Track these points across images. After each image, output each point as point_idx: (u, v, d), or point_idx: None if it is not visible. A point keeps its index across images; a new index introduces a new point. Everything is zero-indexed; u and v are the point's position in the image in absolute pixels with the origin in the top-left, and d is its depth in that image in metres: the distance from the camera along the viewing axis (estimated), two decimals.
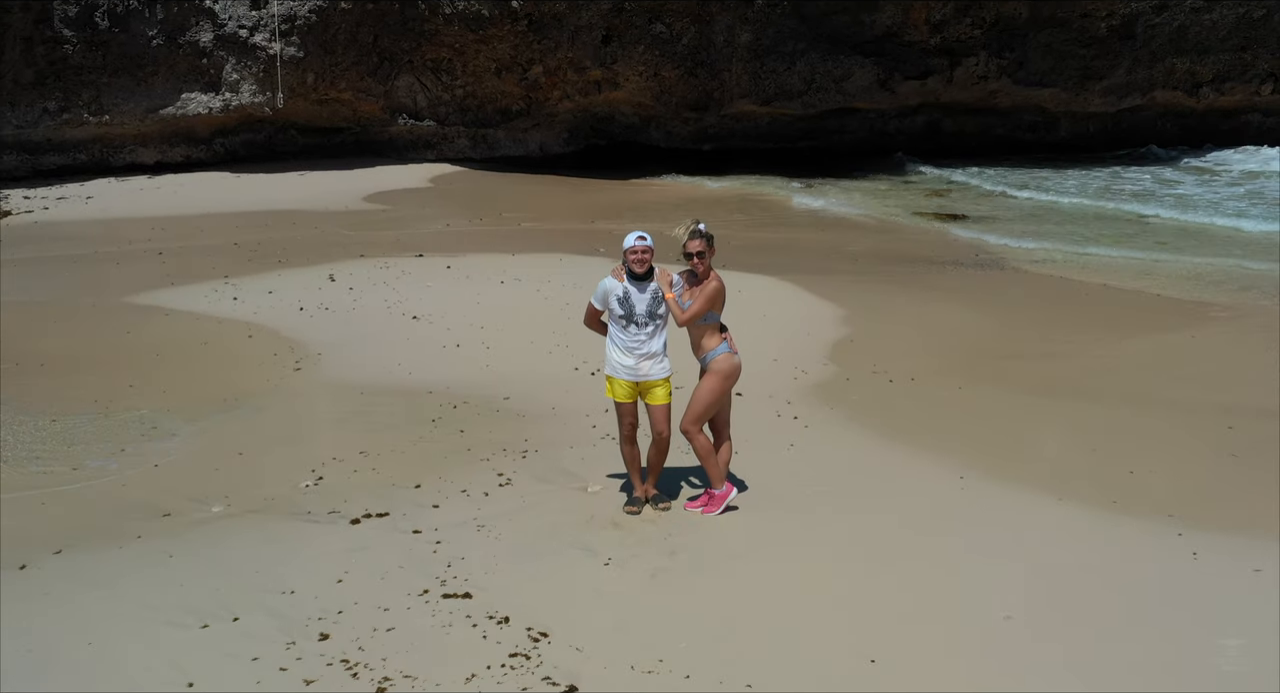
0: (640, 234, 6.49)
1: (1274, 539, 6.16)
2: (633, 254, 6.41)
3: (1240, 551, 6.03)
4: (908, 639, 5.06)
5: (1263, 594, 5.55)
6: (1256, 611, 5.37)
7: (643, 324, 6.44)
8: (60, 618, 5.46)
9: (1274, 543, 6.10)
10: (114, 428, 8.42)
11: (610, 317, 6.51)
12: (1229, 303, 12.91)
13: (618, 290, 6.46)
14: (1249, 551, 6.02)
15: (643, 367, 6.45)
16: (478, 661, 4.91)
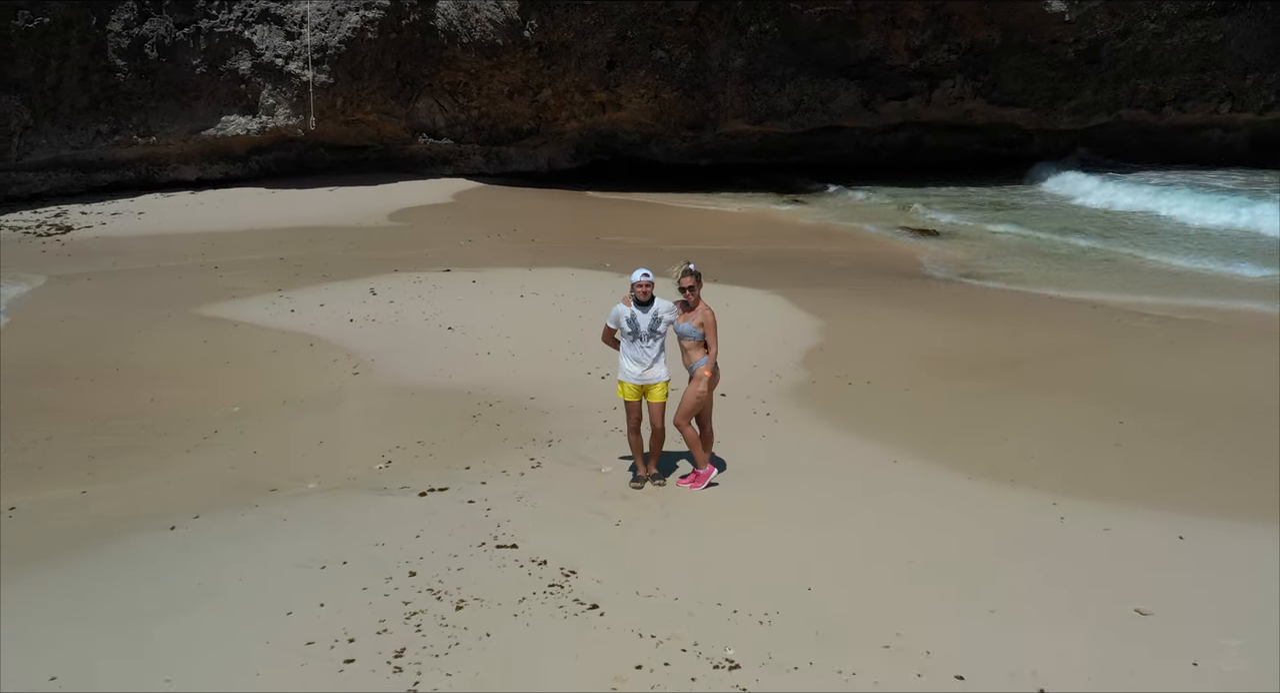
0: (645, 271, 8.43)
1: (1124, 505, 8.08)
2: (638, 287, 8.35)
3: (1097, 516, 7.93)
4: (837, 575, 6.97)
5: (1106, 547, 7.46)
6: (1099, 558, 7.28)
7: (645, 339, 8.38)
8: (211, 563, 7.36)
9: (1123, 508, 8.03)
10: (214, 422, 10.35)
11: (621, 334, 8.46)
12: (1161, 311, 14.81)
13: (626, 313, 8.41)
14: (1103, 515, 7.92)
15: (647, 374, 8.40)
16: (525, 589, 6.82)
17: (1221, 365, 12.08)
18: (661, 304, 8.40)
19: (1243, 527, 7.79)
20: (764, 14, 24.57)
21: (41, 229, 20.25)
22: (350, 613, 6.53)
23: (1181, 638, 6.16)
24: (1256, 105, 27.46)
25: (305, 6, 22.58)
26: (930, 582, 6.87)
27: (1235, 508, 8.11)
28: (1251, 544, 7.49)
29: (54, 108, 21.54)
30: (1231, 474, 8.84)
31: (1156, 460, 9.16)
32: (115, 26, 21.59)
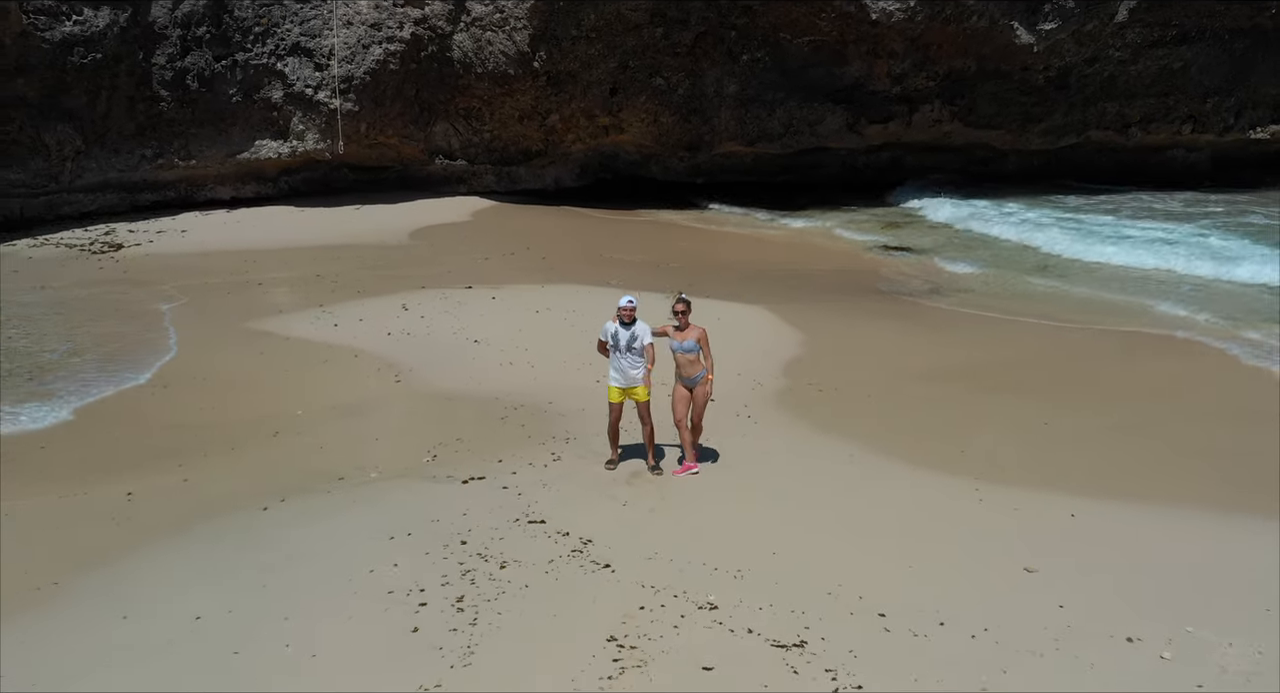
0: (630, 298, 10.44)
1: (1033, 490, 10.01)
2: (623, 311, 10.35)
3: (1008, 498, 9.86)
4: (795, 542, 8.88)
5: (1012, 522, 9.38)
6: (1004, 530, 9.20)
7: (624, 352, 10.35)
8: (300, 535, 9.28)
9: (1032, 492, 9.96)
10: (281, 423, 12.27)
11: (609, 346, 10.43)
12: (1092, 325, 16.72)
13: (612, 329, 10.42)
14: (1014, 498, 9.85)
15: (629, 378, 10.37)
16: (553, 553, 8.75)
17: (1142, 376, 14.02)
18: (640, 327, 10.39)
19: (1128, 507, 9.71)
20: (756, 44, 26.48)
21: (94, 246, 22.15)
22: (418, 571, 8.47)
23: (1055, 588, 8.08)
24: (1216, 127, 29.39)
25: (333, 40, 24.51)
26: (868, 547, 8.80)
27: (1127, 493, 10.03)
28: (1132, 520, 9.42)
29: (103, 134, 23.45)
30: (1132, 466, 10.75)
31: (1069, 455, 11.09)
32: (160, 60, 23.52)
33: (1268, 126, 29.59)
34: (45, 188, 23.16)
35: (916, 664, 7.02)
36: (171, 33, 23.51)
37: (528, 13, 24.71)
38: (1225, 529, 9.17)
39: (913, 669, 6.96)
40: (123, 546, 9.19)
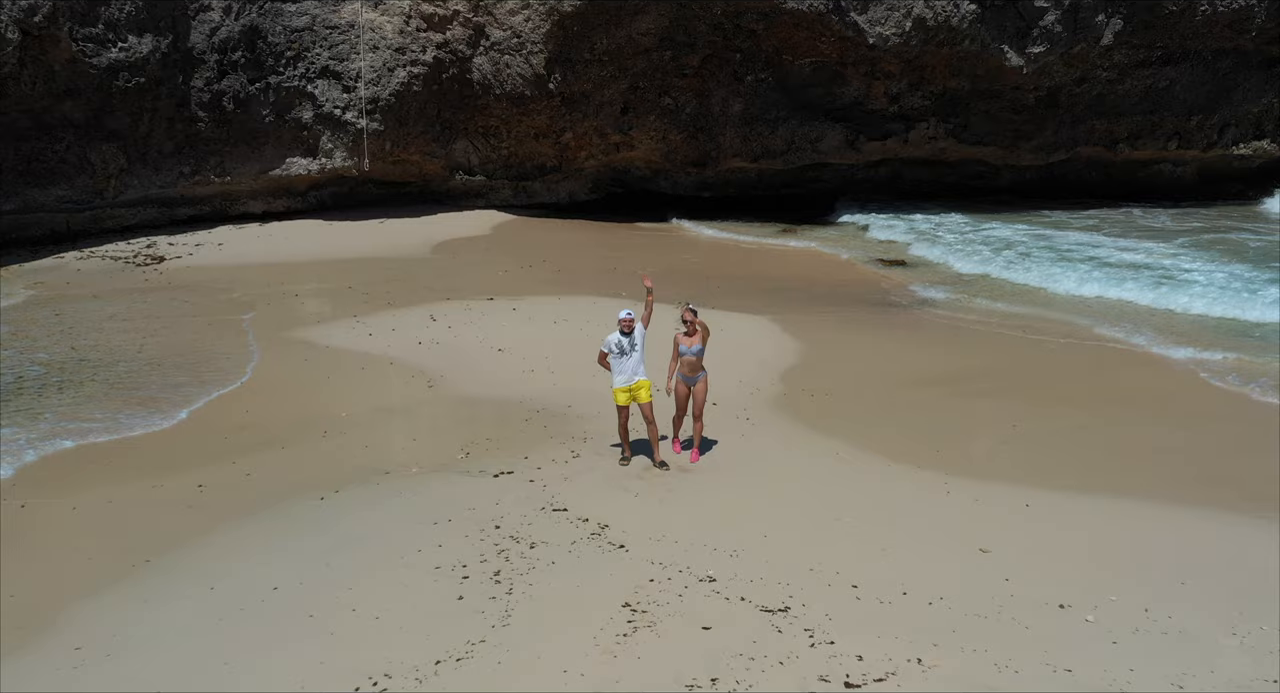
0: (628, 311, 11.92)
1: (994, 483, 11.40)
2: (623, 322, 11.84)
3: (972, 490, 11.25)
4: (784, 527, 10.28)
5: (974, 510, 10.77)
6: (965, 517, 10.59)
7: (628, 354, 11.79)
8: (355, 521, 10.71)
9: (993, 485, 11.34)
10: (328, 424, 13.69)
11: (611, 356, 11.87)
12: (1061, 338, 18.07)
13: (614, 339, 11.87)
14: (976, 490, 11.24)
15: (634, 378, 11.82)
16: (575, 535, 10.15)
17: (1105, 384, 15.39)
18: (638, 331, 11.92)
19: (1075, 498, 11.08)
20: (759, 65, 27.90)
21: (138, 259, 23.64)
22: (460, 550, 9.89)
23: (1003, 565, 9.47)
24: (1201, 143, 30.71)
25: (360, 64, 25.99)
26: (846, 531, 10.21)
27: (1076, 486, 11.41)
28: (1076, 509, 10.80)
29: (145, 153, 24.95)
30: (1084, 462, 12.12)
31: (1031, 452, 12.48)
32: (198, 83, 25.02)
33: (1250, 143, 30.91)
34: (90, 203, 24.65)
35: (880, 625, 8.42)
36: (209, 57, 25.00)
37: (543, 37, 26.16)
38: (1157, 517, 10.56)
39: (877, 629, 8.35)
40: (201, 529, 10.63)
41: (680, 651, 8.07)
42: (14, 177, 23.62)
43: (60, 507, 11.23)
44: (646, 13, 26.20)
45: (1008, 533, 10.20)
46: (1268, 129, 30.88)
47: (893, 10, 26.39)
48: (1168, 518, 10.53)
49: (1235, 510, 10.69)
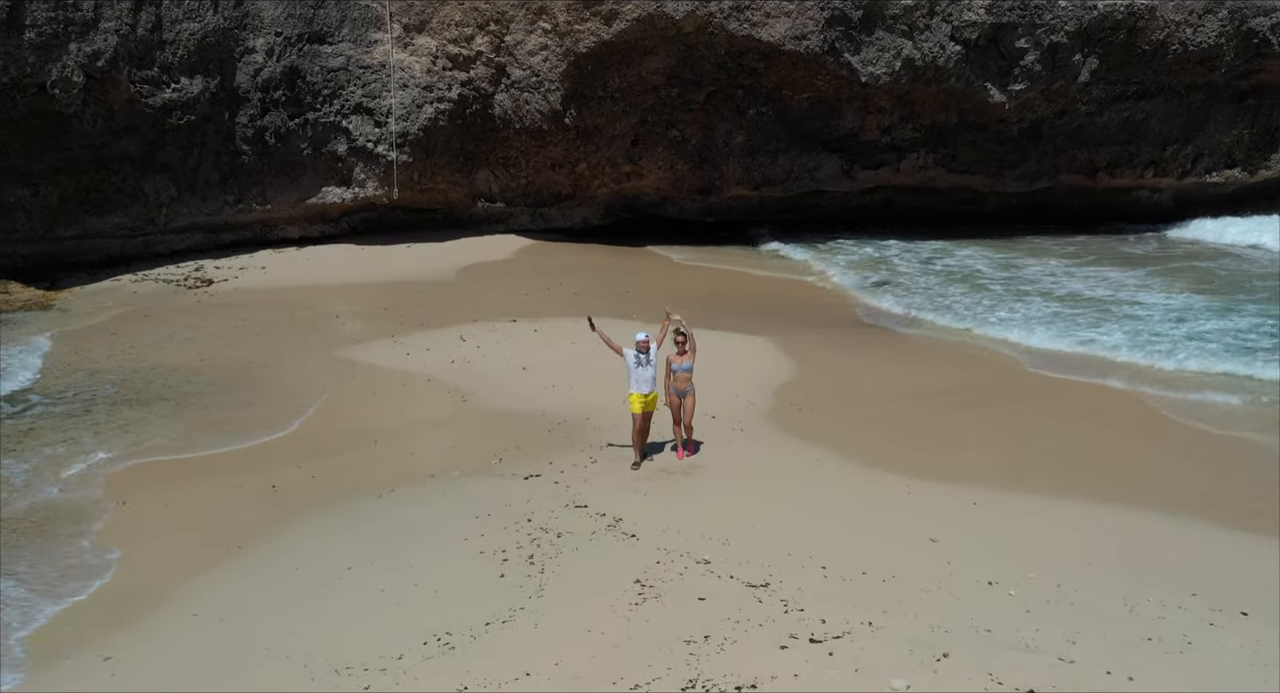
0: (645, 334, 14.12)
1: (950, 485, 13.41)
2: (640, 344, 13.97)
3: (931, 491, 13.25)
4: (768, 521, 12.30)
5: (928, 507, 12.77)
6: (920, 513, 12.60)
7: (646, 366, 13.90)
8: (410, 514, 12.77)
9: (948, 487, 13.35)
10: (377, 433, 15.77)
11: (631, 364, 13.99)
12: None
13: (633, 356, 13.98)
14: (934, 490, 13.24)
15: (647, 389, 13.95)
16: (594, 527, 12.18)
17: (1064, 401, 17.40)
18: (652, 349, 14.27)
19: (1018, 497, 13.09)
20: (760, 100, 29.98)
21: (188, 282, 25.78)
22: (499, 539, 11.94)
23: (948, 552, 11.48)
24: (1176, 172, 32.71)
25: (391, 101, 28.16)
26: (820, 524, 12.23)
27: (1020, 488, 13.41)
28: (1016, 507, 12.81)
29: (193, 183, 27.10)
30: (1031, 468, 14.14)
31: (987, 459, 14.51)
32: (243, 119, 27.18)
33: (1222, 171, 32.90)
34: (143, 230, 26.81)
35: (842, 597, 10.44)
36: (253, 96, 27.17)
37: (560, 76, 28.30)
38: (1077, 513, 12.57)
39: (838, 600, 10.37)
40: (280, 521, 12.71)
41: (680, 616, 10.10)
42: (75, 206, 25.79)
43: (155, 505, 13.32)
44: (655, 53, 28.32)
45: (954, 526, 12.22)
46: (1238, 158, 32.86)
47: (883, 51, 28.47)
48: (1085, 513, 12.56)
49: (1141, 506, 12.72)
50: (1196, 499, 13.02)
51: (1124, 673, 8.99)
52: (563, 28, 27.97)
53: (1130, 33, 29.89)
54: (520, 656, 9.41)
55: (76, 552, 11.91)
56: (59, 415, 16.51)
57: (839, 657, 9.29)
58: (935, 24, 28.54)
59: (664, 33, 27.84)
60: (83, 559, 11.73)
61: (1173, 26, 30.14)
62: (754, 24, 27.76)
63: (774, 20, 27.68)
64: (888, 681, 8.86)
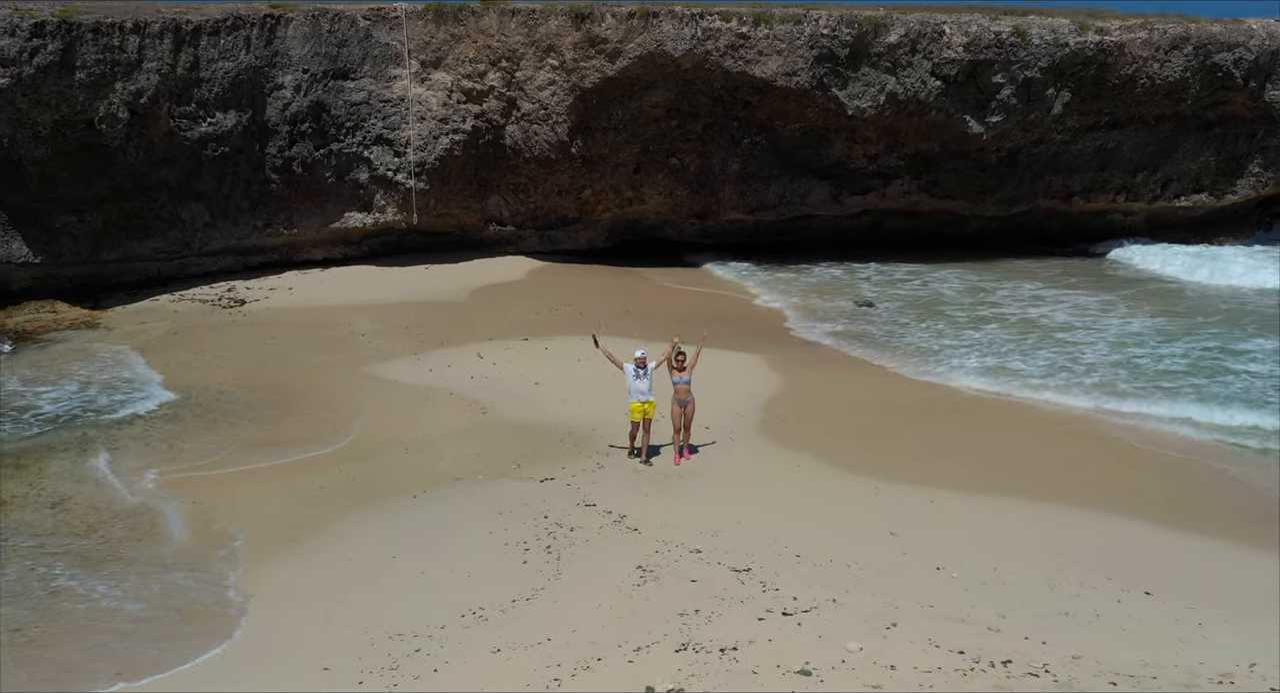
0: (642, 351, 16.14)
1: (913, 486, 15.36)
2: (638, 360, 15.96)
3: (896, 491, 15.20)
4: (751, 516, 14.25)
5: (892, 506, 14.72)
6: (884, 511, 14.56)
7: (643, 379, 15.93)
8: (442, 512, 14.74)
9: (911, 487, 15.31)
10: (408, 443, 17.72)
11: (630, 377, 15.99)
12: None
13: (633, 370, 15.99)
14: (899, 491, 15.19)
15: (646, 397, 15.94)
16: (602, 522, 14.13)
17: (1022, 416, 19.39)
18: (649, 365, 16.20)
19: (970, 497, 15.08)
20: (754, 130, 31.96)
21: (222, 302, 27.75)
22: (520, 532, 13.91)
23: (904, 543, 13.44)
24: (1146, 196, 34.73)
25: (409, 133, 30.19)
26: (796, 520, 14.20)
27: (974, 489, 15.39)
28: (969, 505, 14.80)
29: (225, 210, 29.08)
30: (985, 472, 16.12)
31: (947, 464, 16.49)
32: (272, 150, 29.19)
33: (1190, 196, 34.92)
34: (179, 253, 28.79)
35: (812, 579, 12.40)
36: (282, 129, 29.19)
37: (567, 109, 30.34)
38: (1017, 508, 14.57)
39: (809, 582, 12.33)
40: (329, 518, 14.69)
41: (675, 594, 12.07)
42: (117, 231, 27.79)
43: (223, 500, 15.29)
44: (656, 88, 30.36)
45: (913, 521, 14.21)
46: (1205, 184, 34.89)
47: (869, 86, 30.51)
48: (1020, 510, 14.61)
49: (1067, 504, 14.79)
50: (1118, 498, 15.05)
51: (1039, 639, 10.95)
52: (569, 64, 30.00)
53: (1100, 68, 31.90)
54: (543, 625, 11.39)
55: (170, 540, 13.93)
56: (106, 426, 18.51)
57: (806, 627, 11.25)
58: (917, 61, 30.55)
59: (664, 69, 29.86)
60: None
61: (1140, 62, 32.14)
62: (748, 61, 29.78)
63: (766, 58, 29.70)
64: (845, 644, 10.81)
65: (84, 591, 12.52)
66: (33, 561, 13.33)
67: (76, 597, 12.40)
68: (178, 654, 11.21)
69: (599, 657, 10.64)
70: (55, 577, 12.88)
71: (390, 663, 10.77)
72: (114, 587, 12.65)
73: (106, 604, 12.24)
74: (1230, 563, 13.00)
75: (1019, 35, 30.90)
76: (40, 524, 14.42)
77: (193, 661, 11.11)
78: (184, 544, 13.87)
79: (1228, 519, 14.37)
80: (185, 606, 12.29)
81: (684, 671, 10.27)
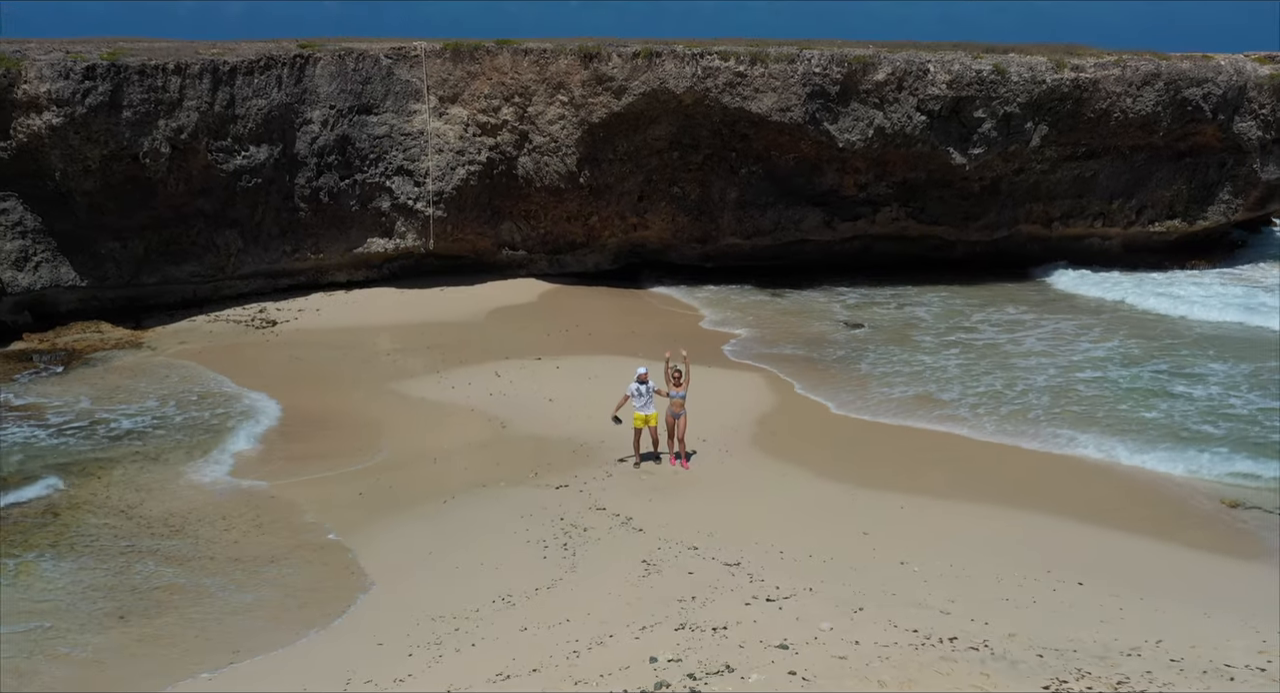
0: (644, 368, 18.30)
1: (884, 492, 17.38)
2: (640, 376, 18.06)
3: (869, 495, 17.20)
4: (742, 517, 16.25)
5: (865, 509, 16.73)
6: (858, 513, 16.56)
7: (645, 397, 18.00)
8: (471, 514, 16.75)
9: (883, 493, 17.32)
10: (435, 454, 19.74)
11: (633, 396, 18.07)
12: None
13: (634, 388, 18.15)
14: (872, 496, 17.19)
15: (649, 411, 18.03)
16: (612, 523, 16.13)
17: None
18: (650, 381, 18.24)
19: (935, 502, 17.09)
20: (751, 161, 34.05)
21: (255, 322, 29.82)
22: (540, 532, 15.91)
23: (875, 541, 15.43)
24: (1121, 222, 36.78)
25: (428, 164, 32.31)
26: (781, 521, 16.19)
27: (938, 495, 17.41)
28: (935, 509, 16.80)
29: (257, 236, 31.17)
30: (946, 479, 18.13)
31: (915, 472, 18.50)
32: (300, 180, 31.29)
33: (1164, 222, 36.98)
34: (214, 277, 30.88)
35: (793, 572, 14.39)
36: (310, 161, 31.31)
37: (576, 142, 32.46)
38: (977, 512, 16.57)
39: (790, 574, 14.32)
40: (371, 518, 16.72)
41: (675, 584, 14.06)
42: (157, 256, 29.88)
43: (294, 495, 17.34)
44: (659, 122, 32.48)
45: (883, 523, 16.22)
46: (1178, 210, 36.96)
47: (858, 121, 32.62)
48: (976, 513, 16.63)
49: (1017, 509, 16.83)
50: (1065, 506, 17.06)
51: (983, 620, 12.91)
52: (578, 100, 32.14)
53: (1076, 103, 34.00)
54: (562, 609, 13.40)
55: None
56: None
57: (786, 610, 13.23)
58: (903, 97, 32.66)
59: (666, 105, 31.99)
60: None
61: (1114, 97, 34.25)
62: (745, 98, 31.90)
63: (762, 95, 31.82)
64: (818, 624, 12.79)
65: (191, 584, 14.53)
66: (127, 557, 15.38)
67: (186, 590, 14.41)
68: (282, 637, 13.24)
69: (610, 634, 12.62)
70: (160, 573, 14.89)
71: (434, 639, 12.79)
72: (223, 580, 14.68)
73: (221, 595, 14.22)
74: (1151, 557, 15.03)
75: (999, 73, 33.01)
76: (130, 528, 16.47)
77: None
78: (270, 543, 15.92)
79: (1150, 520, 16.46)
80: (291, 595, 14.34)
81: (682, 645, 12.24)
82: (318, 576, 14.86)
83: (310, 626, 13.42)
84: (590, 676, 11.42)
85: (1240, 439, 20.03)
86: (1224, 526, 16.59)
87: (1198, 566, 15.03)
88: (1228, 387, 23.40)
